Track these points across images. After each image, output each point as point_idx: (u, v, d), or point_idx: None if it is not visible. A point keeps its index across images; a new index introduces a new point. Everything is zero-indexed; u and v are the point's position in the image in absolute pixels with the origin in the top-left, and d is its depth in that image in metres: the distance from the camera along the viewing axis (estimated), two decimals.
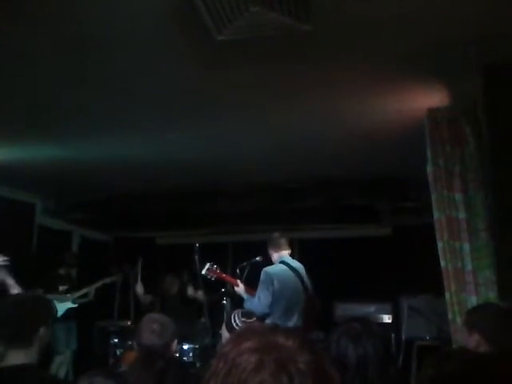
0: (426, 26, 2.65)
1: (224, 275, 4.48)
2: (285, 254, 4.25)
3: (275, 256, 4.26)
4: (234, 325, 2.93)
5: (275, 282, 3.99)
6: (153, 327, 2.48)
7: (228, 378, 0.80)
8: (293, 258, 4.38)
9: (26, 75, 3.24)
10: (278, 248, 4.25)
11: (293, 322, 4.02)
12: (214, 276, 4.45)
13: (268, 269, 4.10)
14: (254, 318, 3.38)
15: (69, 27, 2.67)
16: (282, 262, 4.18)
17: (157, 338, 2.46)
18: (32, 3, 2.45)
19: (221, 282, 4.65)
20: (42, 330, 2.05)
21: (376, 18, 2.59)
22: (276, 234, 4.33)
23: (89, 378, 1.68)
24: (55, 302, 5.78)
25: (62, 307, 5.83)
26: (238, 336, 0.87)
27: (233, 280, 4.39)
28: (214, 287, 5.06)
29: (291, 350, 0.81)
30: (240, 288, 4.25)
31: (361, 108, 3.73)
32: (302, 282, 4.16)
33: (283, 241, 4.29)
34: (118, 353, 5.22)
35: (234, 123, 4.15)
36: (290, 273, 4.12)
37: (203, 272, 4.45)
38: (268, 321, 4.00)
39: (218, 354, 0.86)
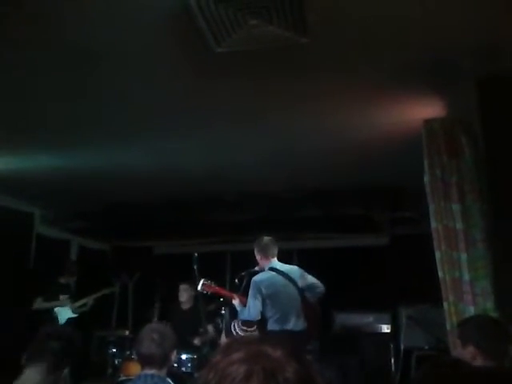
0: (422, 38, 2.69)
1: (220, 290, 4.48)
2: (273, 260, 4.20)
3: (264, 262, 4.20)
4: (234, 333, 2.93)
5: (263, 289, 4.00)
6: (153, 336, 2.48)
7: None
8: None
9: (24, 85, 3.27)
10: (266, 255, 4.18)
11: (291, 324, 4.01)
12: (210, 291, 4.46)
13: (255, 277, 4.10)
14: (255, 327, 3.39)
15: (68, 39, 2.70)
16: (270, 269, 4.18)
17: (156, 347, 2.46)
18: (31, 16, 2.48)
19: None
20: (65, 371, 2.11)
21: (372, 32, 2.62)
22: (264, 240, 4.23)
23: None
24: (57, 311, 5.78)
25: (63, 317, 5.82)
26: (227, 347, 0.89)
27: (229, 294, 4.39)
28: (212, 298, 5.06)
29: (279, 360, 0.83)
30: (236, 301, 4.25)
31: (358, 119, 3.77)
32: (295, 284, 4.13)
33: (271, 247, 4.21)
34: (116, 362, 5.21)
35: (232, 134, 4.17)
36: (279, 277, 4.10)
37: (199, 288, 4.45)
38: (267, 327, 4.01)
39: (207, 365, 0.87)
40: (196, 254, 4.80)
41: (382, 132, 3.99)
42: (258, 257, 4.25)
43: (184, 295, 5.66)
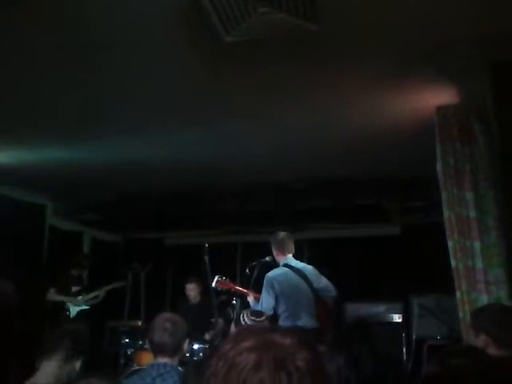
0: (434, 24, 2.65)
1: (234, 286, 4.49)
2: (289, 256, 4.23)
3: (279, 258, 4.23)
4: (243, 323, 2.94)
5: (275, 285, 4.01)
6: (165, 326, 2.50)
7: (228, 378, 0.81)
8: (301, 259, 4.38)
9: (36, 80, 3.28)
10: (283, 250, 4.21)
11: (302, 322, 4.01)
12: (225, 288, 4.48)
13: (269, 273, 4.13)
14: (264, 318, 3.40)
15: (74, 30, 2.69)
16: (285, 265, 4.18)
17: (168, 336, 2.48)
18: (35, 8, 2.48)
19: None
20: (78, 364, 2.29)
21: (384, 18, 2.59)
22: (280, 236, 4.26)
23: (86, 379, 1.75)
24: (69, 303, 5.86)
25: (75, 309, 5.90)
26: (236, 336, 0.89)
27: (243, 291, 4.40)
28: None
29: (289, 349, 0.83)
30: (250, 298, 4.26)
31: (369, 107, 3.73)
32: (308, 282, 4.13)
33: (287, 242, 4.24)
34: (129, 352, 5.25)
35: (241, 124, 4.16)
36: (292, 274, 4.11)
37: (213, 285, 4.47)
38: (279, 322, 4.01)
39: (217, 354, 0.87)
40: (207, 245, 4.82)
41: (393, 120, 3.95)
42: (274, 252, 4.28)
43: (191, 294, 5.73)
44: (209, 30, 2.57)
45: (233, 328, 4.28)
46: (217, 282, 4.46)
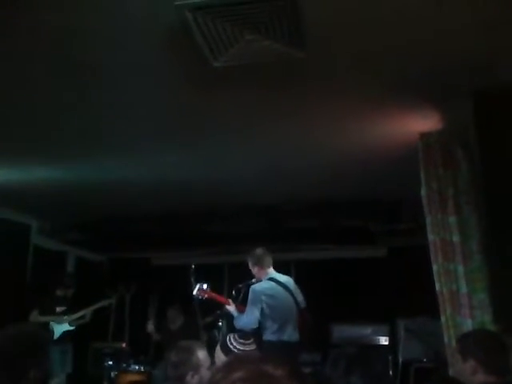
0: (417, 53, 2.71)
1: (215, 295, 4.47)
2: (271, 270, 4.24)
3: (261, 273, 4.23)
4: (231, 347, 2.91)
5: (263, 298, 4.02)
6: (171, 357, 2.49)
7: None
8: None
9: (24, 97, 3.28)
10: (262, 265, 4.23)
11: (287, 335, 4.03)
12: (206, 296, 4.44)
13: (255, 286, 4.13)
14: (252, 340, 3.37)
15: (68, 53, 2.72)
16: (270, 279, 4.19)
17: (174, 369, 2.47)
18: (31, 28, 2.50)
19: (217, 304, 4.63)
20: (32, 373, 1.82)
21: (368, 47, 2.64)
22: (259, 251, 4.27)
23: None
24: (52, 324, 5.74)
25: (59, 329, 5.78)
26: (228, 365, 0.88)
27: (223, 299, 4.39)
28: (209, 309, 5.04)
29: (281, 380, 0.82)
30: (231, 307, 4.25)
31: (355, 133, 3.78)
32: (292, 295, 4.16)
33: (265, 257, 4.26)
34: (112, 375, 5.17)
35: (229, 147, 4.18)
36: (279, 288, 4.13)
37: (194, 293, 4.44)
38: (264, 337, 4.00)
39: (207, 383, 0.86)
40: (193, 266, 4.80)
41: (378, 145, 4.00)
42: (254, 269, 4.27)
43: (174, 321, 5.73)
44: (197, 55, 2.60)
45: (218, 351, 4.24)
46: (198, 289, 4.43)
